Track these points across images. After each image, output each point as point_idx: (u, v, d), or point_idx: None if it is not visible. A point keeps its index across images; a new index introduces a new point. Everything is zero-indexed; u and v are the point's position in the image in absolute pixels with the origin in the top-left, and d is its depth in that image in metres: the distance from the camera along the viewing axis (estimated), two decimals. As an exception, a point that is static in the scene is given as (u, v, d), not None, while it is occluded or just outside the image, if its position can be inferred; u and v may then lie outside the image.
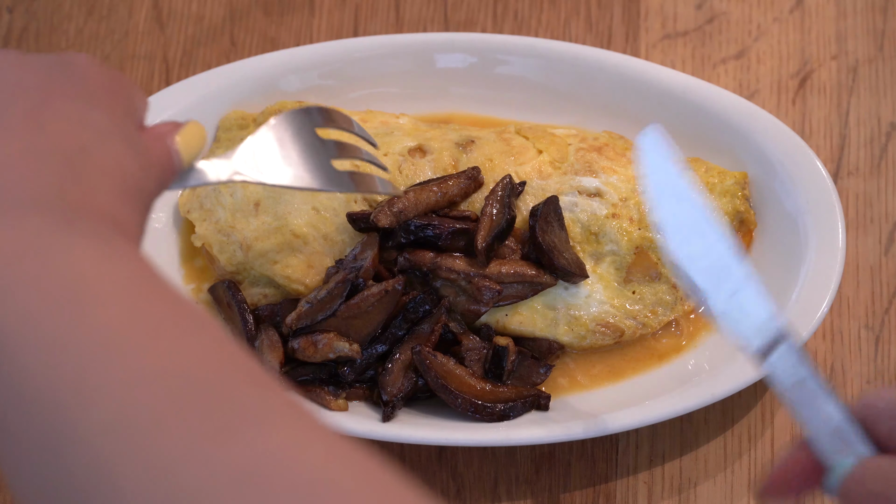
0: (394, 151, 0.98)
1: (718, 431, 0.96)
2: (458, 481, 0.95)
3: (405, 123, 1.02)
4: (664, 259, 0.96)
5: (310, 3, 1.13)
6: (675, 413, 0.90)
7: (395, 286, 0.91)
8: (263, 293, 0.97)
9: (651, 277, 0.96)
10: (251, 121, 1.02)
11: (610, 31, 1.11)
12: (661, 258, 0.96)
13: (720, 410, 0.96)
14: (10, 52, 0.64)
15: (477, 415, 0.91)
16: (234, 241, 0.97)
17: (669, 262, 0.80)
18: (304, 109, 0.85)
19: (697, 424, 0.96)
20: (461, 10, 1.13)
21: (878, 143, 1.06)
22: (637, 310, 0.95)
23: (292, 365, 0.93)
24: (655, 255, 0.96)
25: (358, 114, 1.02)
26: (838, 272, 0.94)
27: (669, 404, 0.90)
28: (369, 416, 0.92)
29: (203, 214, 0.99)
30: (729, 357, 0.93)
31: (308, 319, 0.92)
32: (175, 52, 1.12)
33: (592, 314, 0.95)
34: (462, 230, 0.93)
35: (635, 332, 0.95)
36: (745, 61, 1.10)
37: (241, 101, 1.03)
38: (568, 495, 0.94)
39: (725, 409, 0.96)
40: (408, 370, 0.92)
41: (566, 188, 0.97)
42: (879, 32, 1.10)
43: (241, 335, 0.94)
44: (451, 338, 0.93)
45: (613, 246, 0.96)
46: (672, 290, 0.96)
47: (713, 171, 1.00)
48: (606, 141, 1.01)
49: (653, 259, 0.96)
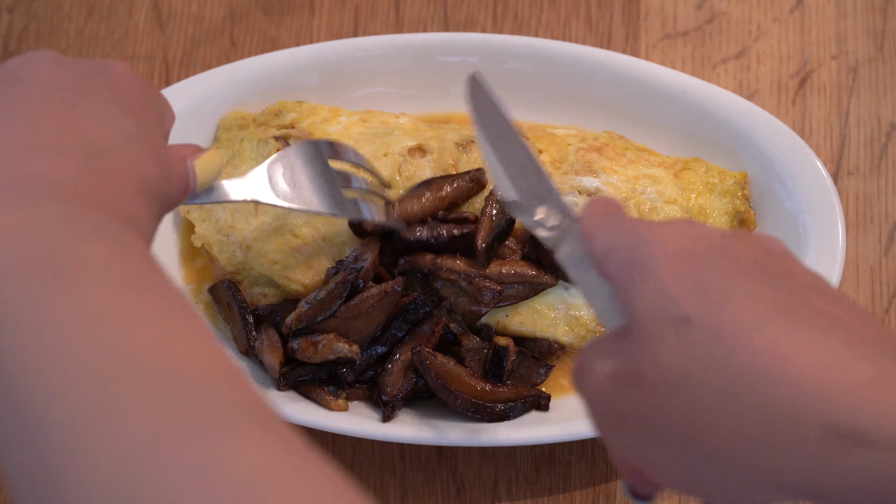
0: (394, 151, 0.99)
1: (718, 431, 0.96)
2: (458, 481, 0.95)
3: (405, 123, 1.02)
4: None
5: (310, 3, 1.13)
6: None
7: (395, 287, 0.91)
8: (263, 293, 0.97)
9: None
10: (251, 121, 1.02)
11: (610, 31, 1.11)
12: None
13: (720, 410, 0.96)
14: (51, 52, 0.66)
15: (477, 415, 0.91)
16: (234, 241, 0.97)
17: None
18: (315, 141, 0.91)
19: (697, 424, 0.96)
20: (461, 10, 1.13)
21: (878, 143, 1.06)
22: None
23: (292, 365, 0.93)
24: None
25: (358, 114, 1.02)
26: (838, 272, 0.94)
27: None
28: (369, 416, 0.92)
29: (203, 214, 0.99)
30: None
31: (307, 320, 0.92)
32: (175, 52, 1.12)
33: (593, 314, 0.95)
34: (462, 233, 0.93)
35: None
36: (745, 61, 1.10)
37: (241, 101, 1.03)
38: (568, 495, 0.94)
39: (725, 410, 0.96)
40: (408, 371, 0.92)
41: (566, 188, 0.97)
42: (879, 32, 1.10)
43: (241, 335, 0.94)
44: (451, 338, 0.94)
45: None
46: None
47: (713, 171, 1.00)
48: (606, 141, 1.01)
49: None
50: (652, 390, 0.57)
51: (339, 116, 1.02)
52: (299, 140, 1.00)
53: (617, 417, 0.59)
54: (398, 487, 0.95)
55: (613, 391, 0.59)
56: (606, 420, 0.60)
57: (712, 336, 0.56)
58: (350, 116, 1.02)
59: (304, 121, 1.01)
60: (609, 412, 0.60)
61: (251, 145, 1.00)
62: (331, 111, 1.02)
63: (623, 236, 0.61)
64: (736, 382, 0.55)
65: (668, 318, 0.57)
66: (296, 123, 1.01)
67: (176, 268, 1.00)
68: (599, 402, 0.60)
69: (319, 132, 1.00)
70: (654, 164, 1.00)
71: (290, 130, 1.01)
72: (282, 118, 1.02)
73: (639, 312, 0.58)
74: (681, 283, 0.58)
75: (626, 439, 0.60)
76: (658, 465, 0.59)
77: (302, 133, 1.00)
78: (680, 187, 0.99)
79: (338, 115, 1.02)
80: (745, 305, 0.56)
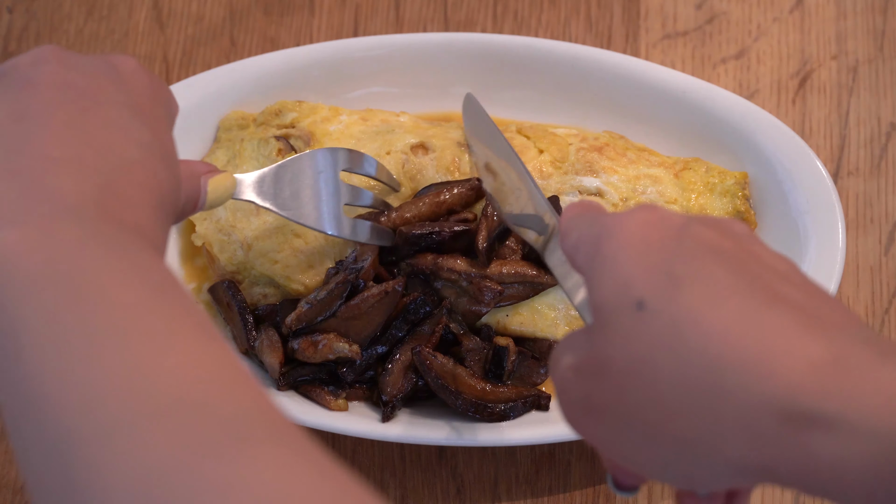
0: (396, 149, 0.99)
1: (718, 431, 0.96)
2: (458, 481, 0.95)
3: (406, 121, 1.02)
4: None
5: (310, 3, 1.13)
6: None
7: (396, 287, 0.91)
8: (263, 293, 0.97)
9: None
10: (251, 121, 1.02)
11: (610, 31, 1.11)
12: None
13: (720, 410, 0.96)
14: (57, 50, 0.64)
15: (477, 415, 0.91)
16: (235, 240, 0.97)
17: None
18: (331, 150, 0.91)
19: (697, 424, 0.96)
20: (461, 10, 1.13)
21: (878, 143, 1.06)
22: None
23: (292, 365, 0.93)
24: None
25: (358, 112, 1.02)
26: (838, 272, 0.94)
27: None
28: (369, 416, 0.92)
29: (203, 213, 0.99)
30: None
31: (307, 320, 0.92)
32: (175, 52, 1.12)
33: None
34: (462, 231, 0.93)
35: None
36: (745, 61, 1.10)
37: (241, 101, 1.03)
38: (568, 495, 0.94)
39: (725, 409, 0.96)
40: (408, 371, 0.92)
41: (567, 188, 0.97)
42: (879, 32, 1.10)
43: (241, 335, 0.94)
44: (451, 338, 0.94)
45: None
46: None
47: (713, 171, 1.00)
48: (607, 141, 1.01)
49: None
50: (614, 378, 0.57)
51: (339, 115, 1.02)
52: (300, 139, 1.00)
53: (586, 409, 0.59)
54: (398, 487, 0.95)
55: (579, 382, 0.59)
56: (575, 412, 0.60)
57: (667, 320, 0.55)
58: (350, 115, 1.02)
59: (304, 120, 1.01)
60: (577, 403, 0.59)
61: (251, 145, 1.00)
62: (331, 110, 1.02)
63: (591, 229, 0.61)
64: (688, 367, 0.54)
65: (624, 304, 0.57)
66: (296, 123, 1.01)
67: (176, 267, 1.00)
68: (565, 394, 0.60)
69: (320, 131, 1.00)
70: (654, 164, 1.00)
71: (291, 130, 1.01)
72: (282, 118, 1.02)
73: (599, 300, 0.58)
74: (637, 268, 0.57)
75: (599, 430, 0.59)
76: (631, 454, 0.58)
77: (303, 133, 1.00)
78: (680, 187, 0.99)
79: (338, 114, 1.02)
80: (701, 288, 0.55)
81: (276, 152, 0.99)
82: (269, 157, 0.99)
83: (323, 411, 0.92)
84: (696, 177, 0.99)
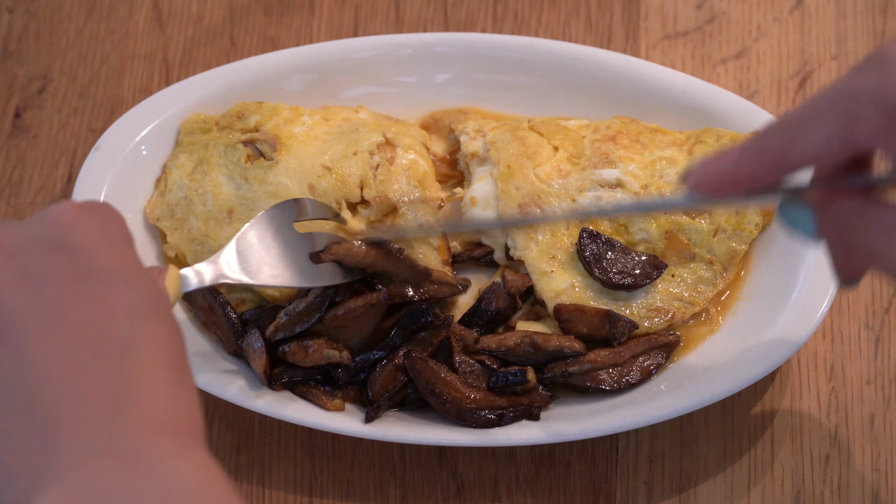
0: (363, 149, 0.98)
1: (718, 431, 0.96)
2: (458, 481, 0.95)
3: (366, 118, 1.02)
4: (694, 239, 0.97)
5: (310, 3, 1.13)
6: (675, 413, 0.90)
7: (380, 298, 0.92)
8: (241, 298, 0.97)
9: (686, 258, 0.97)
10: (213, 124, 1.01)
11: (610, 31, 1.11)
12: (692, 238, 0.97)
13: (720, 410, 0.96)
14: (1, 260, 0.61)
15: (461, 420, 0.91)
16: (209, 249, 0.97)
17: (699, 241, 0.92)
18: (281, 205, 0.93)
19: (697, 424, 0.96)
20: (461, 10, 1.13)
21: (878, 143, 1.06)
22: (680, 291, 0.96)
23: (285, 366, 0.93)
24: (686, 236, 0.97)
25: (318, 111, 1.02)
26: (838, 272, 0.94)
27: (669, 404, 0.90)
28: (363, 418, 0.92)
29: (174, 223, 0.98)
30: (728, 357, 0.93)
31: (287, 331, 0.92)
32: (175, 52, 1.12)
33: (640, 302, 0.95)
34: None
35: (685, 312, 0.96)
36: (745, 61, 1.10)
37: (240, 101, 1.03)
38: (568, 495, 0.94)
39: (725, 409, 0.96)
40: (398, 373, 0.92)
41: (588, 184, 0.97)
42: (879, 33, 1.10)
43: (228, 336, 0.94)
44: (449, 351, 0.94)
45: (644, 234, 0.97)
46: (709, 266, 0.97)
47: (725, 137, 0.99)
48: (619, 128, 1.01)
49: (684, 241, 0.97)
50: None
51: (301, 116, 1.01)
52: (266, 143, 0.99)
53: None
54: (398, 487, 0.95)
55: None
56: None
57: None
58: (312, 115, 1.01)
59: (267, 123, 1.00)
60: None
61: (218, 151, 0.99)
62: (292, 111, 1.02)
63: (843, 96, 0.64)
64: None
65: None
66: (260, 126, 1.00)
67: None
68: None
69: (285, 134, 0.99)
70: (666, 143, 1.00)
71: (256, 134, 1.00)
72: (245, 121, 1.01)
73: None
74: None
75: None
76: None
77: (268, 136, 0.99)
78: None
79: (300, 114, 1.01)
80: None
81: (244, 158, 0.99)
82: (238, 163, 0.98)
83: (323, 411, 0.92)
84: (709, 148, 0.99)
